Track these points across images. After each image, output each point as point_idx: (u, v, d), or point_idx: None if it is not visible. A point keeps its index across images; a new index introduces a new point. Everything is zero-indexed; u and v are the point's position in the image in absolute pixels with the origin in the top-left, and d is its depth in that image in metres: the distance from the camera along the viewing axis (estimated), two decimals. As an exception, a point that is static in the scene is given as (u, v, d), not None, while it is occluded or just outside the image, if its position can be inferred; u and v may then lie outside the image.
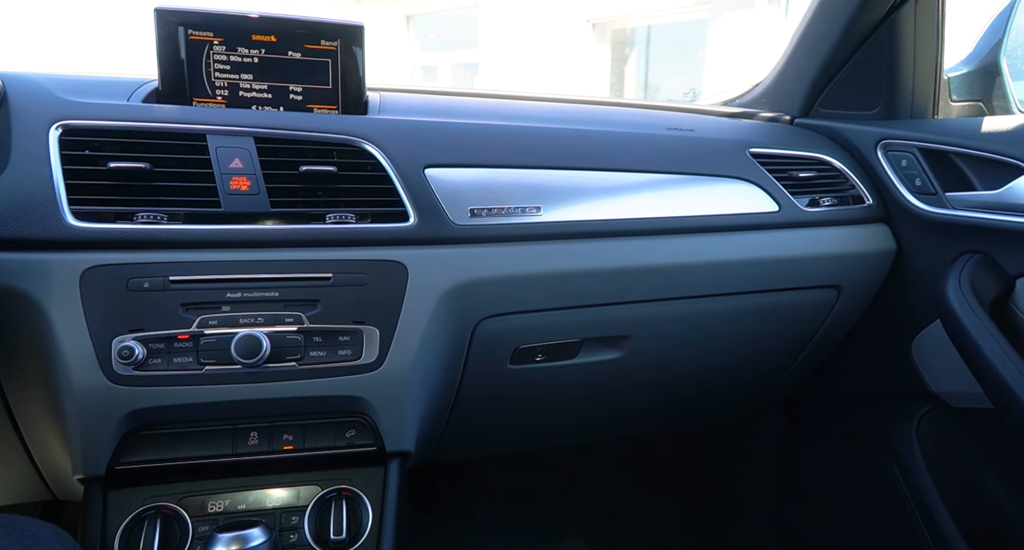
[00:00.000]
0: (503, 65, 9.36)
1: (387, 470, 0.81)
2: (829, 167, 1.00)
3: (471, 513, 1.41)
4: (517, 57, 9.21)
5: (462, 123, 0.89)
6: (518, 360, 0.92)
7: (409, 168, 0.80)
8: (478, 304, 0.83)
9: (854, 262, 0.99)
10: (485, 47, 9.43)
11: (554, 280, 0.86)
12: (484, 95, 1.08)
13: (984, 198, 0.87)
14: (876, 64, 1.03)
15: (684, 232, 0.91)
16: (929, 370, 0.97)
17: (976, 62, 1.03)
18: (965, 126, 0.92)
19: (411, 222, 0.79)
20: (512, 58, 9.24)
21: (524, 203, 0.84)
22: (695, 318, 0.97)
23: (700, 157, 0.95)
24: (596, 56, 9.20)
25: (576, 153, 0.90)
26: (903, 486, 0.99)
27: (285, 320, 0.74)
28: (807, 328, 1.05)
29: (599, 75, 9.28)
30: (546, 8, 8.90)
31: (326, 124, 0.81)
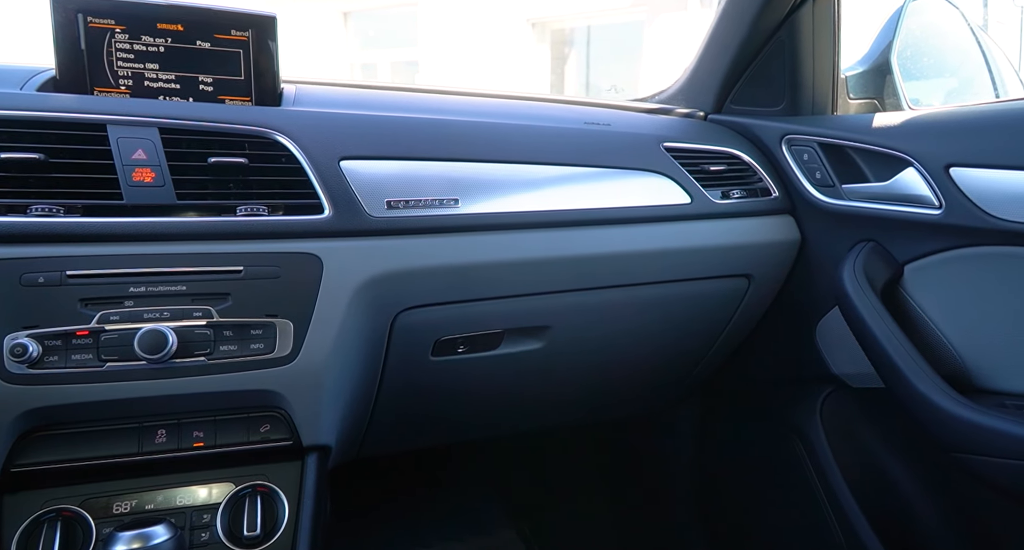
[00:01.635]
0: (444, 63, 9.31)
1: (304, 464, 0.80)
2: (738, 161, 1.05)
3: (401, 507, 1.41)
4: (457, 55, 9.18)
5: (379, 115, 0.89)
6: (440, 352, 0.92)
7: (324, 160, 0.80)
8: (396, 296, 0.84)
9: (762, 252, 1.04)
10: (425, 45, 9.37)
11: (473, 271, 0.87)
12: (404, 89, 1.08)
13: (875, 189, 0.92)
14: (780, 63, 1.08)
15: (600, 223, 0.94)
16: (831, 353, 1.03)
17: (870, 62, 1.10)
18: (859, 121, 0.98)
19: (326, 214, 0.78)
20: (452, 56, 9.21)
21: (442, 195, 0.85)
22: (614, 307, 1.00)
23: (616, 151, 0.98)
24: (536, 56, 9.27)
25: (494, 146, 0.91)
26: (808, 464, 1.05)
27: (193, 314, 0.72)
28: (721, 316, 1.09)
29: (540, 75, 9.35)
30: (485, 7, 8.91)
31: (237, 115, 0.80)
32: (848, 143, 0.96)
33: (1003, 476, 0.73)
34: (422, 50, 9.37)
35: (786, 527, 1.11)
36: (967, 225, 0.81)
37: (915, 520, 0.94)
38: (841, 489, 1.00)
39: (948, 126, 0.87)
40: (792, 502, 1.08)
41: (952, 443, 0.78)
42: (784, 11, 1.03)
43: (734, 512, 1.22)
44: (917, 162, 0.86)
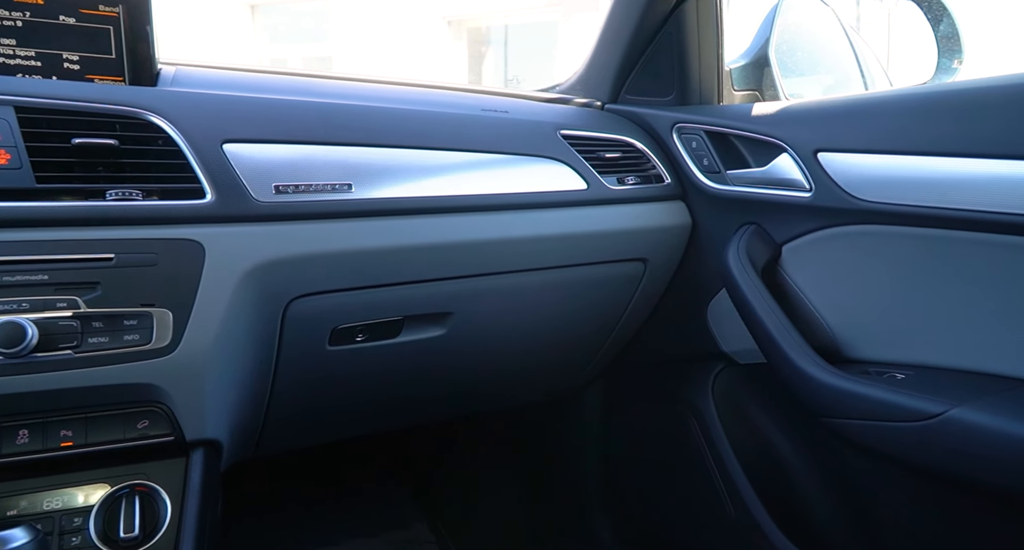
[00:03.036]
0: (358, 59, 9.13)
1: (189, 461, 0.77)
2: (633, 148, 1.08)
3: (309, 505, 1.37)
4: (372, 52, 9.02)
5: (265, 98, 0.86)
6: (338, 341, 0.91)
7: (205, 143, 0.77)
8: (287, 284, 0.81)
9: (656, 236, 1.07)
10: (338, 40, 9.15)
11: (367, 257, 0.85)
12: (295, 74, 1.05)
13: (755, 175, 0.97)
14: (669, 55, 1.12)
15: (498, 209, 0.94)
16: (720, 332, 1.08)
17: (751, 56, 1.16)
18: (741, 110, 1.03)
19: (208, 199, 0.75)
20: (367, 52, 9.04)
21: (334, 180, 0.83)
22: (515, 293, 1.01)
23: (513, 137, 0.99)
24: (454, 54, 9.24)
25: (389, 131, 0.90)
26: (701, 439, 1.09)
27: (57, 305, 0.68)
28: (620, 299, 1.13)
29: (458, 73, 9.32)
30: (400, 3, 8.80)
31: (105, 95, 0.75)
32: (731, 130, 1.01)
33: (861, 435, 0.79)
34: (335, 45, 9.15)
35: (683, 502, 1.16)
36: (834, 206, 0.87)
37: (797, 486, 1.00)
38: (731, 462, 1.05)
39: (817, 114, 0.93)
40: (688, 477, 1.13)
41: (821, 409, 0.83)
42: (669, 5, 1.08)
43: (637, 491, 1.25)
44: (790, 148, 0.92)
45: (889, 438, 0.76)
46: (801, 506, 1.00)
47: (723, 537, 1.07)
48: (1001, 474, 0.69)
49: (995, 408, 0.70)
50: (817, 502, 0.99)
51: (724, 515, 1.06)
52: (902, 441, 0.75)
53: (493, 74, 9.44)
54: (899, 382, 0.80)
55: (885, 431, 0.76)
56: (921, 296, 0.83)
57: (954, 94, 0.79)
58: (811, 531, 0.99)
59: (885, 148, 0.82)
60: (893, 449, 0.77)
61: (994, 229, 0.74)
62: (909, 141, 0.80)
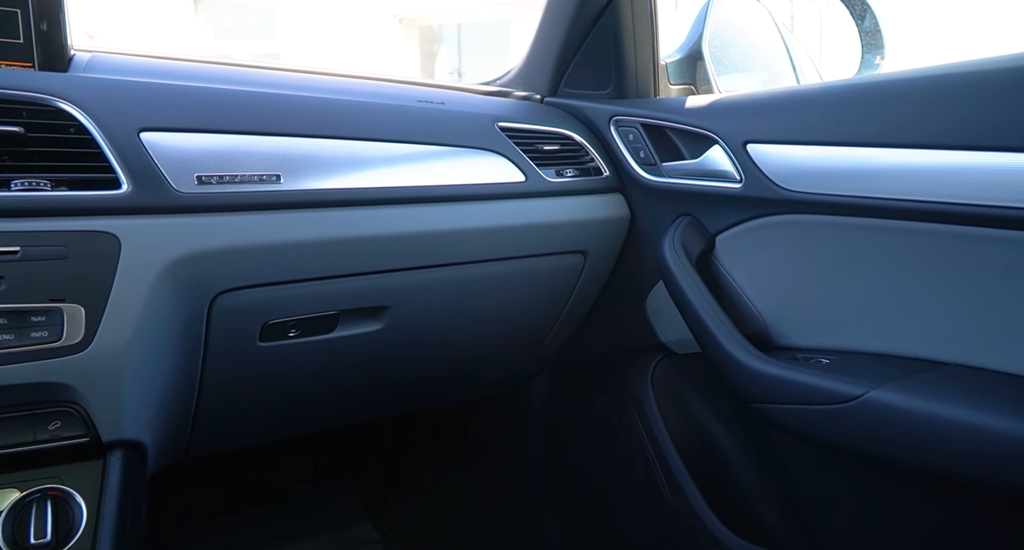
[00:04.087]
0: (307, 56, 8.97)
1: (106, 463, 0.73)
2: (571, 141, 1.08)
3: (248, 507, 1.33)
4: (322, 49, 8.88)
5: (187, 85, 0.83)
6: (269, 336, 0.88)
7: (120, 131, 0.73)
8: (212, 278, 0.79)
9: (595, 228, 1.08)
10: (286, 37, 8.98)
11: (297, 250, 0.83)
12: (224, 63, 1.02)
13: (689, 166, 0.99)
14: (606, 48, 1.13)
15: (434, 201, 0.93)
16: (659, 322, 1.09)
17: (686, 51, 1.18)
18: (676, 103, 1.05)
19: (124, 190, 0.72)
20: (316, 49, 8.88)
21: (261, 171, 0.81)
22: (452, 286, 1.00)
23: (450, 129, 0.98)
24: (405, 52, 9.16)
25: (319, 121, 0.88)
26: (641, 429, 1.10)
27: None
28: (561, 292, 1.13)
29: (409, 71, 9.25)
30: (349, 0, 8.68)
31: (10, 80, 0.71)
32: (666, 123, 1.02)
33: (786, 419, 0.81)
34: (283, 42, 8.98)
35: (624, 493, 1.17)
36: (762, 196, 0.89)
37: (733, 473, 1.02)
38: (670, 451, 1.06)
39: (746, 107, 0.95)
40: (629, 468, 1.14)
41: (749, 395, 0.85)
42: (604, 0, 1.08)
43: (581, 483, 1.26)
44: (721, 140, 0.93)
45: (812, 421, 0.78)
46: (738, 492, 1.02)
47: (663, 526, 1.08)
48: (915, 453, 0.72)
49: (910, 389, 0.72)
50: (753, 488, 1.02)
51: (664, 504, 1.07)
52: (824, 424, 0.77)
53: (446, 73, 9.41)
54: (824, 367, 0.82)
55: (808, 414, 0.78)
56: (847, 283, 0.86)
57: (871, 86, 0.82)
58: (747, 516, 1.01)
59: (809, 139, 0.84)
60: (816, 432, 0.79)
61: (912, 217, 0.77)
62: (831, 132, 0.82)
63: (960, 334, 0.77)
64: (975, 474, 0.71)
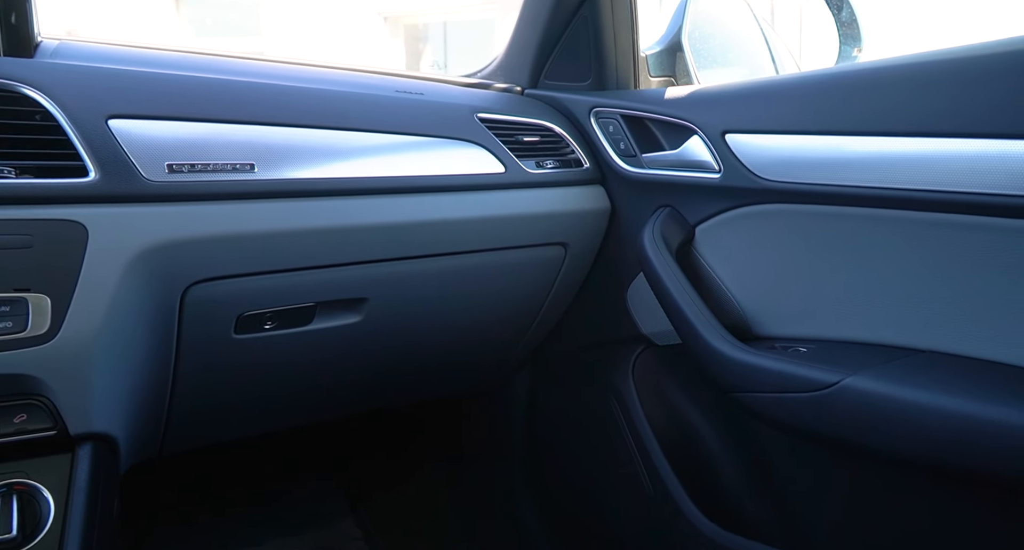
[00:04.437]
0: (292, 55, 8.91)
1: (75, 457, 0.72)
2: (551, 133, 1.07)
3: (227, 505, 1.32)
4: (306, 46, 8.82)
5: (158, 72, 0.82)
6: (245, 329, 0.87)
7: (87, 118, 0.72)
8: (183, 267, 0.77)
9: (576, 220, 1.07)
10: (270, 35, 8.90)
11: (272, 240, 0.82)
12: (197, 52, 1.01)
13: (669, 157, 0.99)
14: (586, 40, 1.12)
15: (413, 191, 0.92)
16: (640, 314, 1.09)
17: (666, 43, 1.18)
18: (656, 95, 1.05)
19: (91, 178, 0.70)
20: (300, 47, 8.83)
21: (234, 160, 0.79)
22: (431, 277, 0.99)
23: (429, 119, 0.97)
24: (391, 50, 9.13)
25: (295, 109, 0.87)
26: (622, 421, 1.10)
27: None
28: (542, 285, 1.12)
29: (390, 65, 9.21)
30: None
31: None
32: (646, 114, 1.02)
33: (763, 408, 0.81)
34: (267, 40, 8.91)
35: (605, 484, 1.16)
36: (740, 186, 0.89)
37: (713, 463, 1.02)
38: (650, 441, 1.06)
39: (725, 97, 0.95)
40: (610, 460, 1.14)
41: (728, 384, 0.85)
42: None
43: (562, 476, 1.26)
44: (700, 130, 0.93)
45: (789, 409, 0.78)
46: (718, 482, 1.02)
47: (643, 516, 1.08)
48: (891, 439, 0.72)
49: (886, 376, 0.72)
50: (733, 478, 1.02)
51: (643, 494, 1.07)
52: (801, 411, 0.77)
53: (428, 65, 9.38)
54: (801, 355, 0.82)
55: (785, 402, 0.78)
56: (825, 272, 0.86)
57: (848, 75, 0.82)
58: (727, 506, 1.01)
59: (787, 129, 0.84)
60: (793, 419, 0.79)
61: (888, 205, 0.77)
62: (809, 121, 0.82)
63: (935, 321, 0.77)
64: (951, 459, 0.71)
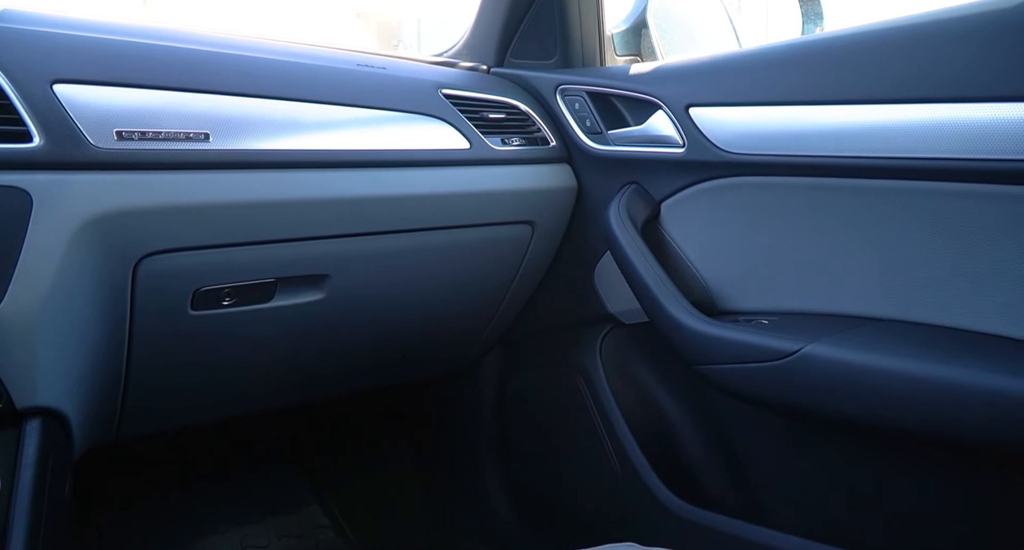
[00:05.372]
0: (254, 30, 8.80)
1: (22, 432, 0.69)
2: (517, 110, 1.07)
3: (188, 492, 1.29)
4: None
5: (107, 38, 0.79)
6: (202, 305, 0.85)
7: (30, 82, 0.69)
8: (135, 238, 0.75)
9: (542, 198, 1.07)
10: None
11: (228, 212, 0.80)
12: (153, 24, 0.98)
13: (634, 133, 0.99)
14: (551, 18, 1.12)
15: (375, 166, 0.91)
16: (607, 293, 1.09)
17: (632, 21, 1.18)
18: (621, 71, 1.05)
19: (36, 143, 0.68)
20: (270, 42, 8.71)
21: (188, 129, 0.77)
22: (397, 255, 0.98)
23: (392, 93, 0.96)
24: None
25: (253, 79, 0.85)
26: (589, 399, 1.10)
27: None
28: (509, 263, 1.12)
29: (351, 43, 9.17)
30: (305, -7, 8.55)
31: None
32: (611, 91, 1.02)
33: (726, 378, 0.82)
34: (236, 35, 8.79)
35: (573, 464, 1.16)
36: (705, 160, 0.89)
37: (678, 440, 1.02)
38: (617, 420, 1.06)
39: (689, 71, 0.95)
40: (577, 439, 1.13)
41: (692, 357, 0.85)
42: None
43: (530, 456, 1.25)
44: (664, 105, 0.93)
45: (751, 379, 0.79)
46: (684, 459, 1.03)
47: (610, 494, 1.08)
48: (852, 405, 0.73)
49: (844, 343, 0.73)
50: (699, 454, 1.02)
51: (611, 473, 1.07)
52: (763, 381, 0.78)
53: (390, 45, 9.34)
54: (763, 327, 0.82)
55: (747, 372, 0.78)
56: (786, 244, 0.87)
57: (808, 46, 0.83)
58: (694, 482, 1.01)
59: (749, 100, 0.85)
60: (755, 389, 0.80)
61: (846, 174, 0.78)
62: (770, 92, 0.83)
63: (894, 290, 0.78)
64: (910, 424, 0.72)
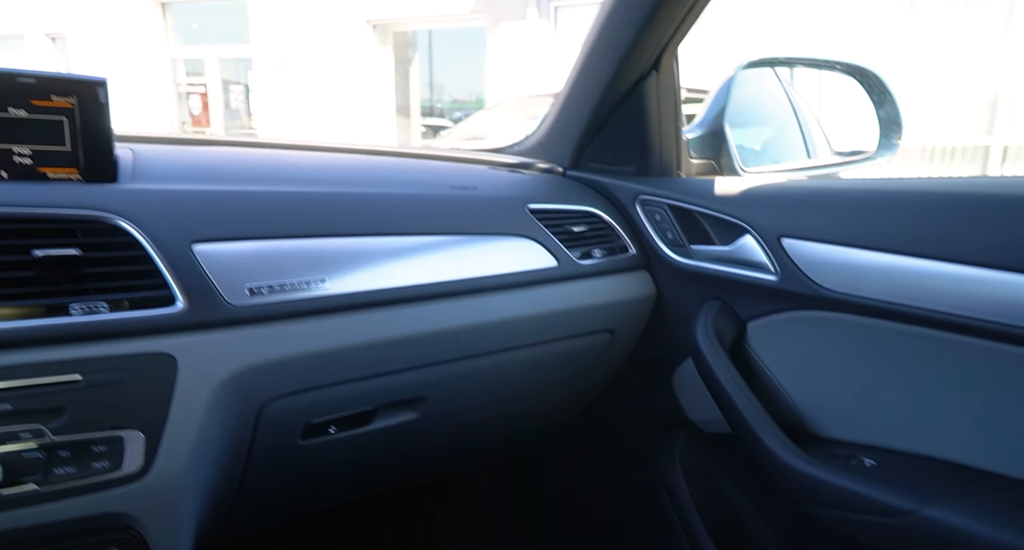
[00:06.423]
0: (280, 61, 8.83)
1: None
2: (598, 219, 1.09)
3: None
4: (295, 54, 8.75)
5: (231, 190, 0.82)
6: (310, 435, 0.88)
7: (174, 245, 0.72)
8: (262, 388, 0.78)
9: (624, 308, 1.09)
10: (258, 42, 8.83)
11: (344, 355, 0.83)
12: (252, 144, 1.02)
13: (720, 252, 1.01)
14: (629, 126, 1.14)
15: (472, 293, 0.94)
16: (687, 400, 1.11)
17: (707, 127, 1.20)
18: (705, 187, 1.06)
19: (179, 307, 0.71)
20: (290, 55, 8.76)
21: (308, 276, 0.80)
22: (486, 373, 1.01)
23: (484, 217, 0.98)
24: (379, 57, 9.10)
25: (360, 219, 0.88)
26: (670, 507, 1.12)
27: (20, 436, 0.62)
28: (587, 369, 1.14)
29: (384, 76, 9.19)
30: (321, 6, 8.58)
31: (66, 197, 0.70)
32: (695, 208, 1.04)
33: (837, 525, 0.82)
34: (255, 47, 8.83)
35: None
36: (800, 292, 0.91)
37: None
38: (702, 533, 1.08)
39: (780, 199, 0.97)
40: (654, 544, 1.15)
41: (795, 495, 0.87)
42: (632, 82, 1.10)
43: None
44: (754, 231, 0.96)
45: (861, 530, 0.80)
46: None
47: None
48: None
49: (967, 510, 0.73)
50: None
51: None
52: (874, 536, 0.79)
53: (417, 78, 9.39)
54: (868, 471, 0.84)
55: (857, 524, 0.80)
56: (887, 383, 0.87)
57: (916, 194, 0.84)
58: None
59: (850, 241, 0.86)
60: (867, 540, 0.80)
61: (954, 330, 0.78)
62: (872, 237, 0.84)
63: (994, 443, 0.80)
64: None
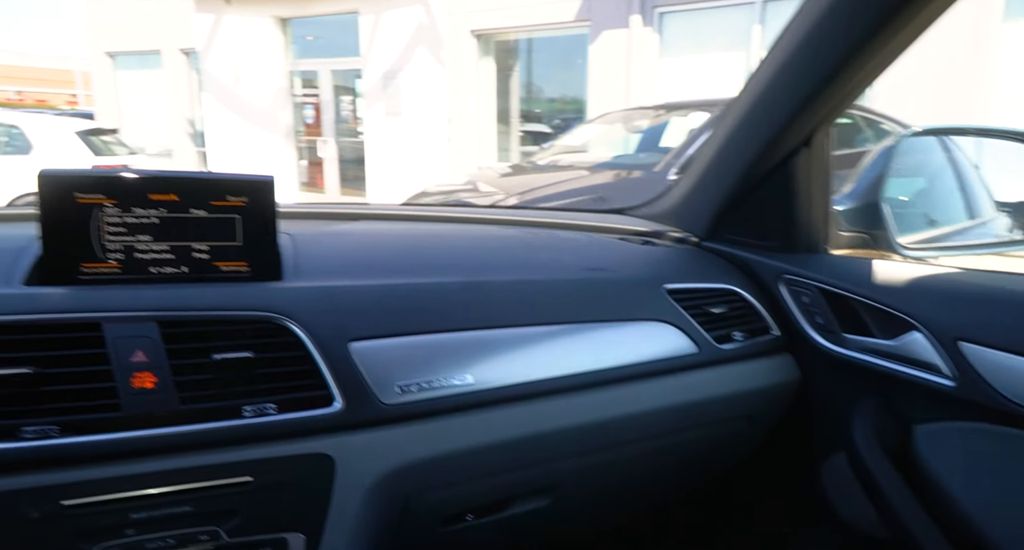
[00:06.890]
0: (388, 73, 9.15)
1: None
2: (738, 298, 1.04)
3: None
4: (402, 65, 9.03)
5: (382, 285, 0.83)
6: (448, 523, 0.89)
7: (333, 345, 0.75)
8: (410, 486, 0.80)
9: (766, 394, 1.04)
10: (368, 54, 9.18)
11: (488, 452, 0.83)
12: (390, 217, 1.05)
13: (881, 345, 0.92)
14: (774, 200, 1.08)
15: (610, 383, 0.91)
16: (838, 498, 1.02)
17: (859, 199, 1.12)
18: (860, 271, 0.98)
19: (337, 407, 0.73)
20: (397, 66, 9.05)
21: (452, 371, 0.80)
22: (621, 461, 0.98)
23: (620, 301, 0.96)
24: (482, 66, 9.26)
25: (499, 309, 0.87)
26: None
27: (199, 538, 0.66)
28: (722, 454, 1.10)
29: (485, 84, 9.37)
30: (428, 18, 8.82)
31: (240, 299, 0.74)
32: (851, 295, 0.96)
33: None
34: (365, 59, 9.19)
35: None
36: (984, 404, 0.81)
37: None
38: None
39: (957, 294, 0.87)
40: None
41: None
42: (782, 156, 1.03)
43: None
44: (925, 329, 0.87)
45: None
46: None
47: None
48: None
49: None
50: None
51: None
52: None
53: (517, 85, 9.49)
54: None
55: None
56: None
57: None
58: None
59: None
60: None
61: None
62: None
63: None
64: None
